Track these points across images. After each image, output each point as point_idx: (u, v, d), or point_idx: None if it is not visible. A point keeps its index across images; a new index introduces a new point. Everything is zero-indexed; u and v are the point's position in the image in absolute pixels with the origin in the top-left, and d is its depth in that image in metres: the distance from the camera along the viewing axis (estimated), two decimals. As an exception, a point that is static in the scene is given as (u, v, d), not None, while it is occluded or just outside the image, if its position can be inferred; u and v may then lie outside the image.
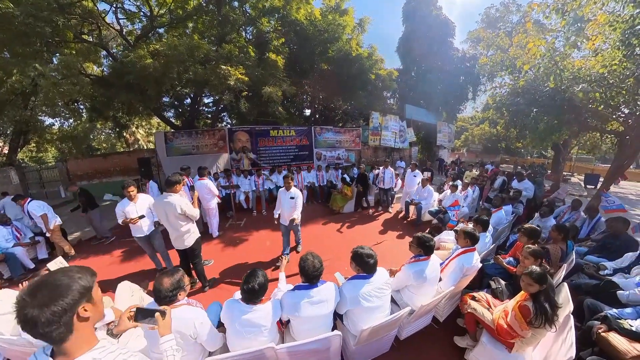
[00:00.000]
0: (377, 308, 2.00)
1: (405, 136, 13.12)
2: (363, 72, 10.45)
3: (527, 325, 1.84)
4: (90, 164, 9.03)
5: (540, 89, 6.02)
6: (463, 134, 27.16)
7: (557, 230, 3.14)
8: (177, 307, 1.62)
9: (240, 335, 1.72)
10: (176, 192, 2.99)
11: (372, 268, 1.99)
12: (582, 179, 14.09)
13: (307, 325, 1.89)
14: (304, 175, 7.72)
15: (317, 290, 1.88)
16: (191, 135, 8.24)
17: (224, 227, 5.80)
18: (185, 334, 1.61)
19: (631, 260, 3.05)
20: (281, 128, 9.36)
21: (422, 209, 5.69)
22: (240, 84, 6.86)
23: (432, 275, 2.28)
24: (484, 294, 2.50)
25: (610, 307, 2.59)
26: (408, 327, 2.49)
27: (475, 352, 2.26)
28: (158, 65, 6.17)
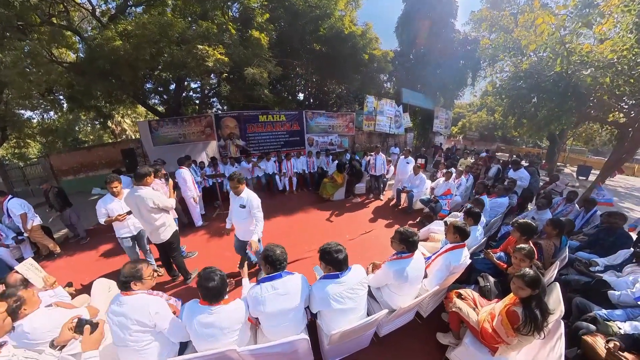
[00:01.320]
0: (350, 310, 1.84)
1: (400, 121, 12.75)
2: (356, 52, 9.84)
3: (514, 332, 1.67)
4: (75, 158, 8.64)
5: (544, 73, 5.70)
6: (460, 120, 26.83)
7: (552, 225, 2.97)
8: (131, 294, 1.64)
9: (202, 338, 1.65)
10: (147, 185, 2.86)
11: (343, 264, 1.82)
12: (575, 170, 14.16)
13: (275, 322, 1.80)
14: (294, 162, 7.43)
15: (282, 281, 1.79)
16: (177, 123, 7.76)
17: (211, 217, 5.64)
18: (143, 322, 1.61)
19: (624, 258, 2.93)
20: (270, 113, 8.90)
21: (413, 197, 5.51)
22: (220, 66, 6.30)
23: (415, 274, 2.07)
24: (471, 291, 2.34)
25: (600, 308, 2.49)
26: (388, 325, 2.37)
27: (457, 352, 2.15)
28: (128, 48, 5.57)
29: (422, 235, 4.23)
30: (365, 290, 1.94)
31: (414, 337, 2.53)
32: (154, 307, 1.65)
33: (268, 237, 4.73)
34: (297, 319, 1.85)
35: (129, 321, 1.58)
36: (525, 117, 7.24)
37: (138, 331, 1.60)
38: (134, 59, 5.80)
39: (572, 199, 4.73)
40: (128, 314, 1.58)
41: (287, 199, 6.96)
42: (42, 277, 2.34)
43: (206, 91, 11.08)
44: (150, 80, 9.53)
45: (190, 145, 7.85)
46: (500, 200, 4.10)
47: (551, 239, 2.95)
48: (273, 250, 1.81)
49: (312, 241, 4.57)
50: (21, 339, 1.61)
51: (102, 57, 5.76)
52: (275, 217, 5.70)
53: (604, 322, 2.30)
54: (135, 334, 1.59)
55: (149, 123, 7.47)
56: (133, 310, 1.60)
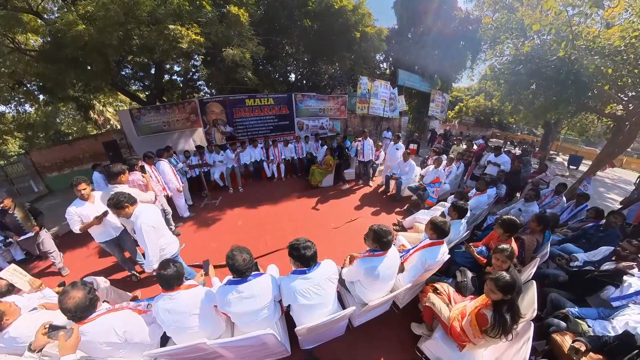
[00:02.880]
0: (318, 305, 1.84)
1: (395, 104, 12.38)
2: (348, 30, 9.24)
3: (481, 334, 1.64)
4: (56, 153, 8.17)
5: (546, 58, 5.45)
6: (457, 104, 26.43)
7: (537, 221, 2.93)
8: (93, 320, 1.58)
9: (169, 325, 1.77)
10: (122, 183, 2.85)
11: (310, 260, 1.82)
12: (567, 160, 14.34)
13: (244, 320, 1.85)
14: (281, 149, 7.21)
15: (247, 285, 1.78)
16: (159, 111, 7.19)
17: (199, 208, 5.54)
18: (112, 342, 1.63)
19: (604, 255, 2.93)
20: (258, 96, 8.34)
21: (401, 184, 5.42)
22: (196, 47, 5.78)
23: (387, 272, 2.02)
24: (447, 286, 2.30)
25: (573, 305, 2.50)
26: (361, 317, 2.39)
27: (428, 344, 2.18)
28: (93, 32, 5.02)
29: (407, 224, 4.21)
30: (333, 285, 1.92)
31: (390, 326, 2.60)
32: (120, 328, 1.65)
33: (255, 226, 4.79)
34: (268, 315, 1.87)
35: (98, 345, 1.59)
36: (522, 103, 7.06)
37: (111, 349, 1.65)
38: (100, 44, 5.28)
39: (561, 191, 4.73)
40: (95, 340, 1.58)
41: (275, 186, 6.82)
42: (27, 280, 2.36)
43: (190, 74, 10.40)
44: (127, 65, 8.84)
45: (176, 134, 7.46)
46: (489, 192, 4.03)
47: (534, 235, 2.92)
48: (235, 259, 1.74)
49: (298, 230, 4.59)
50: (12, 344, 1.71)
51: (67, 44, 5.21)
52: (263, 205, 5.63)
53: (575, 319, 2.32)
54: (108, 351, 1.64)
55: (130, 112, 6.89)
56: (99, 336, 1.59)
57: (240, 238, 4.38)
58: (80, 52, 5.44)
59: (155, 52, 5.99)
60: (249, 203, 5.72)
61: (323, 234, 4.47)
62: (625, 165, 16.47)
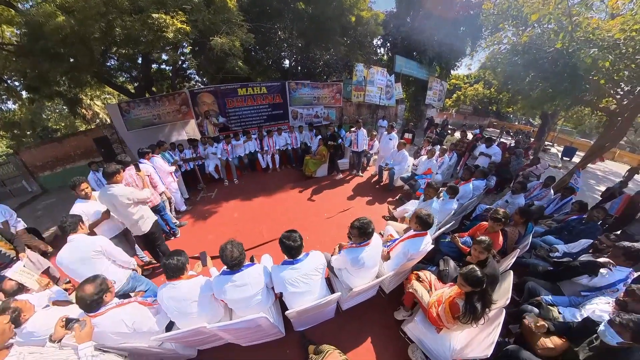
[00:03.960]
0: (305, 292, 2.00)
1: (392, 92, 12.27)
2: (342, 13, 8.91)
3: (454, 320, 1.78)
4: (46, 152, 7.95)
5: (543, 49, 5.44)
6: (455, 92, 26.24)
7: (520, 214, 3.07)
8: (104, 313, 1.74)
9: (172, 311, 1.94)
10: (118, 182, 2.92)
11: (297, 252, 1.99)
12: (561, 151, 14.54)
13: (239, 306, 2.04)
14: (275, 139, 7.18)
15: (240, 275, 1.95)
16: (149, 103, 6.97)
17: (195, 201, 5.62)
18: (123, 333, 1.81)
19: (583, 247, 3.09)
20: (250, 85, 8.16)
21: (394, 174, 5.51)
22: (182, 36, 5.55)
23: (371, 261, 2.17)
24: (429, 274, 2.45)
25: (548, 293, 2.67)
26: (348, 302, 2.60)
27: (409, 326, 2.36)
28: (73, 24, 4.78)
29: (397, 214, 4.32)
30: (320, 275, 2.06)
31: (377, 309, 2.82)
32: (129, 320, 1.83)
33: (251, 218, 4.90)
34: (262, 301, 2.06)
35: (110, 335, 1.78)
36: (519, 94, 7.08)
37: (120, 338, 1.83)
38: (83, 36, 5.06)
39: (549, 184, 4.87)
40: (106, 331, 1.76)
41: (270, 177, 6.87)
42: (35, 279, 2.56)
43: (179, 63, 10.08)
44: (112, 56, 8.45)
45: (168, 127, 7.31)
46: (477, 183, 4.14)
47: (517, 227, 3.05)
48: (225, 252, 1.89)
49: (293, 221, 4.71)
50: (29, 338, 1.83)
51: (46, 37, 4.97)
52: (258, 197, 5.72)
53: (548, 306, 2.49)
54: (118, 340, 1.83)
55: (119, 106, 6.68)
56: (110, 327, 1.76)
57: (237, 230, 4.49)
58: (61, 44, 5.21)
59: (140, 44, 5.76)
60: (245, 195, 5.80)
61: (317, 223, 4.60)
62: (617, 158, 16.81)
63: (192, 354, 2.43)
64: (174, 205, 4.73)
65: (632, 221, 4.26)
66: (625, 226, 4.30)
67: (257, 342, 2.46)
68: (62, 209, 5.51)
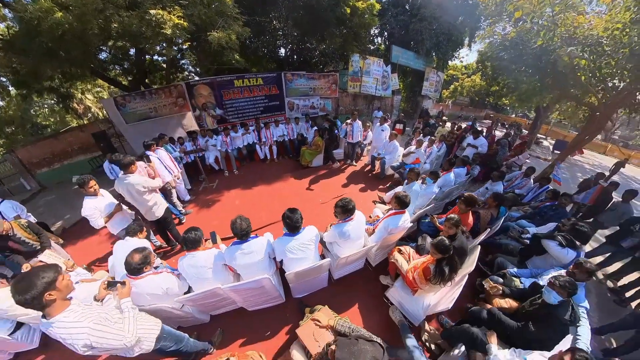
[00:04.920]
0: (302, 259, 2.43)
1: (388, 83, 12.53)
2: (337, 4, 9.04)
3: (426, 282, 2.21)
4: (43, 148, 7.95)
5: (528, 45, 5.76)
6: (453, 84, 26.47)
7: (493, 198, 3.50)
8: (144, 277, 2.18)
9: (191, 277, 2.37)
10: (133, 172, 3.26)
11: (297, 228, 2.39)
12: (553, 144, 15.03)
13: (247, 271, 2.44)
14: (273, 131, 7.48)
15: (248, 244, 2.37)
16: (145, 96, 7.05)
17: (198, 191, 5.94)
18: (155, 294, 2.24)
19: (549, 229, 3.55)
20: (246, 77, 8.30)
21: (385, 164, 5.92)
22: (180, 32, 5.66)
23: (356, 233, 2.62)
24: (409, 248, 2.92)
25: (512, 266, 3.14)
26: (339, 271, 3.05)
27: (391, 292, 2.84)
28: (72, 20, 4.85)
29: (387, 198, 4.77)
30: (313, 245, 2.48)
31: (365, 280, 3.31)
32: (164, 285, 2.26)
33: (251, 205, 5.32)
34: (264, 267, 2.45)
35: (145, 295, 2.21)
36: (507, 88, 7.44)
37: (152, 299, 2.25)
38: (81, 32, 5.14)
39: (529, 174, 5.31)
40: (142, 293, 2.19)
41: (268, 167, 7.23)
42: (62, 262, 2.94)
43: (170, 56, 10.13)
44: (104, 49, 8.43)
45: (165, 120, 7.45)
46: (457, 171, 4.58)
47: (490, 209, 3.49)
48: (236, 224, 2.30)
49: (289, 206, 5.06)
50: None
51: (43, 33, 5.02)
52: (257, 185, 6.12)
53: (511, 277, 2.96)
54: (150, 300, 2.25)
55: (114, 99, 6.78)
56: (146, 290, 2.20)
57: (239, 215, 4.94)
58: (58, 41, 5.27)
59: (140, 41, 5.86)
60: (245, 184, 6.18)
61: (312, 208, 5.04)
62: (608, 153, 17.44)
63: (205, 319, 2.86)
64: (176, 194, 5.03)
65: (604, 210, 4.68)
66: (597, 215, 4.77)
67: (261, 306, 2.90)
68: (63, 205, 5.86)
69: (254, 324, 2.85)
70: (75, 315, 1.52)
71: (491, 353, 2.03)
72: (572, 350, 1.61)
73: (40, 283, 1.40)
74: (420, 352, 2.13)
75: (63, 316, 1.48)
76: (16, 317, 2.38)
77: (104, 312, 1.72)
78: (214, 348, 2.61)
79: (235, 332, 2.78)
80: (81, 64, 6.70)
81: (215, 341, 2.65)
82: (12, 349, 2.57)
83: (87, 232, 4.69)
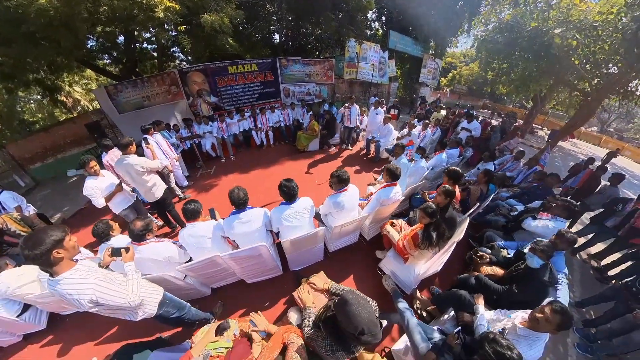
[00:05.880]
0: (297, 227, 2.56)
1: (385, 69, 12.50)
2: None
3: (415, 247, 2.35)
4: (35, 143, 7.76)
5: (524, 28, 5.83)
6: (451, 72, 26.41)
7: (483, 174, 3.66)
8: (146, 244, 2.32)
9: (192, 246, 2.48)
10: (132, 153, 3.32)
11: (293, 198, 2.51)
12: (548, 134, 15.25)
13: (244, 240, 2.52)
14: (268, 116, 7.51)
15: (245, 213, 2.48)
16: (137, 85, 6.97)
17: (195, 177, 6.04)
18: (157, 260, 2.36)
19: (536, 206, 3.73)
20: (240, 63, 8.18)
21: (380, 147, 6.03)
22: (172, 15, 5.57)
23: (349, 204, 2.75)
24: (401, 221, 3.09)
25: (501, 239, 3.31)
26: (334, 242, 3.20)
27: (383, 262, 3.02)
28: (58, 5, 4.68)
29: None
30: (308, 215, 2.61)
31: (359, 254, 3.48)
32: (165, 253, 2.40)
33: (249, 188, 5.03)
34: (261, 236, 2.55)
35: (147, 261, 2.33)
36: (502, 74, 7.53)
37: (154, 265, 2.38)
38: (69, 18, 4.96)
39: (519, 158, 5.49)
40: (144, 258, 2.30)
41: (264, 153, 7.30)
42: None
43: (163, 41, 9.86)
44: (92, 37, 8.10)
45: (159, 108, 7.38)
46: (450, 152, 4.72)
47: (480, 185, 3.64)
48: (234, 193, 2.41)
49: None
50: None
51: (28, 21, 4.84)
52: (254, 170, 6.23)
53: (499, 249, 3.13)
54: (152, 267, 2.38)
55: (106, 89, 6.68)
56: (148, 255, 2.32)
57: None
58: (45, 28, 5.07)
59: (132, 23, 5.74)
60: (242, 169, 6.29)
61: (308, 189, 5.20)
62: (603, 144, 17.78)
63: (207, 292, 2.99)
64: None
65: (591, 194, 4.89)
66: (585, 198, 4.96)
67: (260, 278, 3.04)
68: (61, 198, 5.87)
69: (253, 296, 3.00)
70: (82, 273, 1.63)
71: (478, 313, 2.19)
72: (551, 302, 1.77)
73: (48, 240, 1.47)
74: (410, 313, 2.29)
75: (69, 274, 1.57)
76: (22, 297, 2.45)
77: (109, 273, 1.84)
78: (215, 319, 2.75)
79: (235, 303, 2.93)
80: (69, 53, 6.46)
81: (216, 312, 2.80)
82: (21, 330, 2.67)
83: (87, 222, 4.78)
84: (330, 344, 1.40)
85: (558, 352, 2.81)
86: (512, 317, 2.02)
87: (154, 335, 2.61)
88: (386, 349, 2.45)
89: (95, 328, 2.75)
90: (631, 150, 15.74)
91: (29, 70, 7.33)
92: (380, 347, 2.50)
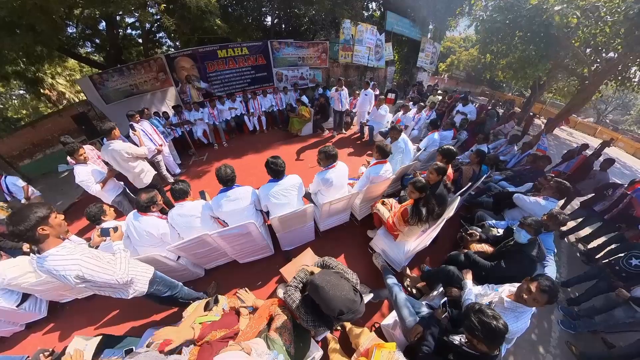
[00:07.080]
0: (285, 204, 2.58)
1: (382, 53, 12.24)
2: None
3: (405, 223, 2.38)
4: (22, 139, 7.52)
5: (523, 7, 5.72)
6: (450, 57, 26.01)
7: (475, 154, 3.68)
8: (149, 215, 2.41)
9: (181, 226, 2.51)
10: (116, 138, 3.31)
11: (280, 174, 2.52)
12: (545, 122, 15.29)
13: (233, 218, 2.55)
14: (261, 101, 7.37)
15: (233, 191, 2.51)
16: (123, 73, 6.71)
17: (188, 165, 6.00)
18: (152, 234, 2.41)
19: (527, 189, 3.80)
20: (230, 46, 7.87)
21: (373, 130, 6.00)
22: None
23: (339, 181, 2.78)
24: (392, 200, 3.11)
25: (491, 219, 3.36)
26: (325, 221, 3.23)
27: (374, 240, 3.08)
28: None
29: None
30: (296, 192, 2.63)
31: (351, 233, 3.55)
32: (161, 229, 2.44)
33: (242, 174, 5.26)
34: (250, 214, 2.59)
35: (143, 232, 2.39)
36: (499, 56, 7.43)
37: (149, 238, 2.43)
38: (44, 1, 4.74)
39: (513, 142, 5.53)
40: (142, 230, 2.38)
41: (257, 138, 7.22)
42: None
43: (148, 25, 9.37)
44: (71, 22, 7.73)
45: (148, 96, 7.21)
46: (444, 133, 4.73)
47: (472, 166, 3.67)
48: (221, 171, 2.44)
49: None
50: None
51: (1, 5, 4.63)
52: (247, 155, 6.19)
53: (489, 227, 3.19)
54: (147, 240, 2.43)
55: (91, 79, 6.42)
56: (147, 227, 2.39)
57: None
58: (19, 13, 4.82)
59: (111, 5, 5.45)
60: (235, 155, 6.24)
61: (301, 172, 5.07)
62: (598, 135, 17.88)
63: (200, 273, 3.02)
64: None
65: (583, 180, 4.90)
66: (577, 183, 5.03)
67: (251, 258, 3.07)
68: (54, 193, 5.78)
69: (246, 276, 3.05)
70: (68, 250, 1.63)
71: (466, 287, 2.25)
72: (537, 276, 1.81)
73: (33, 217, 1.49)
74: (399, 288, 2.35)
75: (56, 250, 1.58)
76: (20, 287, 2.48)
77: (96, 251, 1.84)
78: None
79: (228, 284, 2.98)
80: (48, 41, 6.19)
81: (210, 292, 2.83)
82: (23, 319, 2.71)
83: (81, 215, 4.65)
84: (313, 319, 1.44)
85: (542, 328, 2.93)
86: (499, 291, 2.06)
87: (151, 317, 2.69)
88: (376, 324, 2.53)
89: (94, 313, 2.82)
90: (625, 141, 15.91)
91: (6, 62, 7.06)
92: (371, 323, 2.58)
